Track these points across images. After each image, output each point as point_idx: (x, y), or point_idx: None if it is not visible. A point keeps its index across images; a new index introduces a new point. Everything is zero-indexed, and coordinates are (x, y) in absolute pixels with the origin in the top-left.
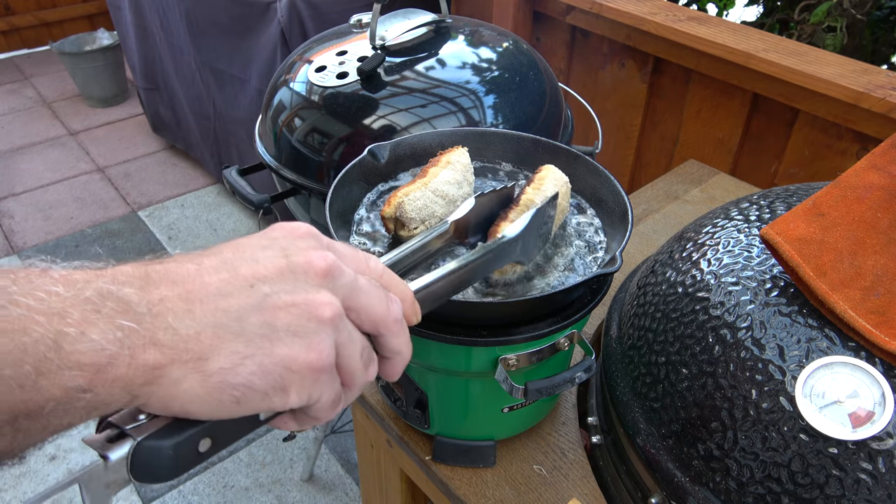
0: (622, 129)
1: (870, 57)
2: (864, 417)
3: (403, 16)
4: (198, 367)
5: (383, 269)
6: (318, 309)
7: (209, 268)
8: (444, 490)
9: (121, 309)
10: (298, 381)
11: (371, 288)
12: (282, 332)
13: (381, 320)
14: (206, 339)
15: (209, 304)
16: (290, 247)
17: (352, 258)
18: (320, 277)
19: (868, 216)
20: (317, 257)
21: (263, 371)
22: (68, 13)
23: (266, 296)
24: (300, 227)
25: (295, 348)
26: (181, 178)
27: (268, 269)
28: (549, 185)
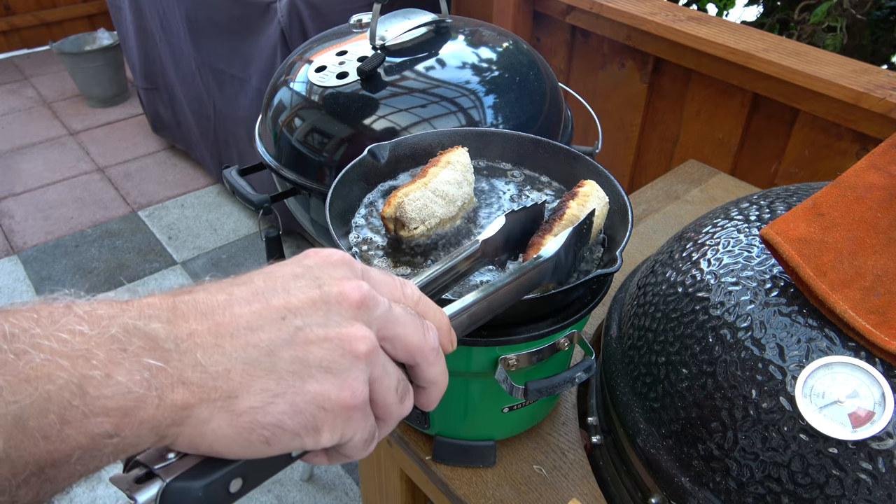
0: (622, 129)
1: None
2: (864, 417)
3: (403, 16)
4: (227, 405)
5: (419, 296)
6: (352, 344)
7: (240, 298)
8: (444, 490)
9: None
10: (331, 420)
11: (407, 317)
12: (314, 369)
13: (417, 350)
14: (236, 377)
15: (239, 339)
16: (323, 276)
17: (387, 285)
18: (354, 309)
19: (868, 216)
20: (351, 288)
21: (295, 410)
22: (68, 13)
23: (298, 329)
24: (334, 255)
25: (327, 386)
26: (181, 178)
27: (300, 300)
28: (593, 202)
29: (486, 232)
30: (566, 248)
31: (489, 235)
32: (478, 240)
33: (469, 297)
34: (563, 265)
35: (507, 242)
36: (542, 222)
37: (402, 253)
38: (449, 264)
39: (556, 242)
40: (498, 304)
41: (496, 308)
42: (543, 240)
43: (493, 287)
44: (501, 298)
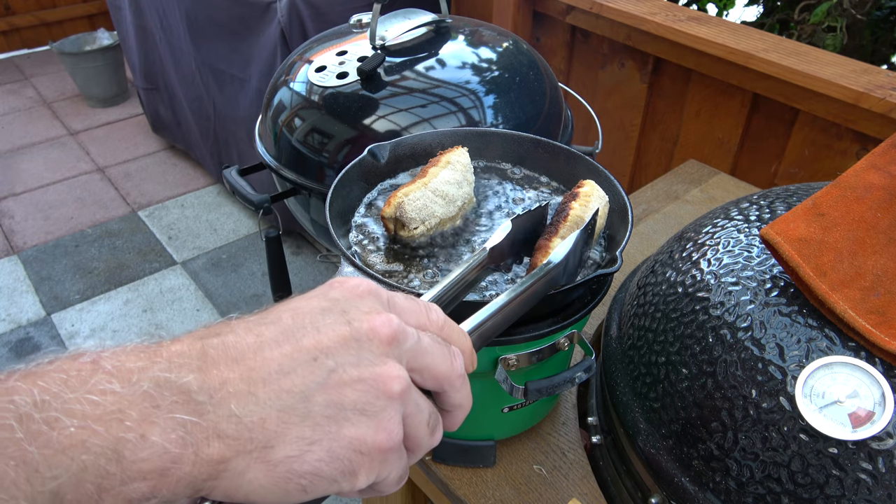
0: (622, 129)
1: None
2: (864, 417)
3: (403, 16)
4: (263, 456)
5: (444, 321)
6: (386, 384)
7: (270, 340)
8: (444, 490)
9: (181, 400)
10: (368, 464)
11: (434, 346)
12: (349, 412)
13: (445, 379)
14: (272, 426)
15: (273, 385)
16: (351, 310)
17: (413, 313)
18: (385, 345)
19: (868, 216)
20: (381, 323)
21: (332, 457)
22: (68, 13)
23: (331, 371)
24: (360, 285)
25: (363, 429)
26: (181, 178)
27: (331, 338)
28: (595, 202)
29: (493, 239)
30: (574, 251)
31: (496, 242)
32: (485, 248)
33: (485, 312)
34: (570, 268)
35: (512, 247)
36: (546, 224)
37: (402, 253)
38: (458, 275)
39: (565, 246)
40: (513, 315)
41: (511, 319)
42: (551, 242)
43: (507, 299)
44: (515, 309)
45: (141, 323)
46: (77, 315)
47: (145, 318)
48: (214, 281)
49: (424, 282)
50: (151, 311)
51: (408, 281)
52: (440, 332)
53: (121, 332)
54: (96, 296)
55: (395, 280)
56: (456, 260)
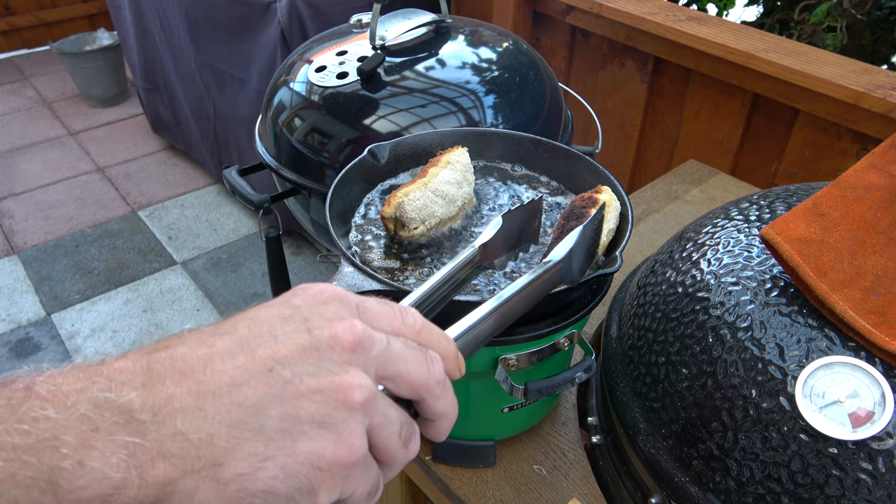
0: (622, 129)
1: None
2: (864, 417)
3: (403, 16)
4: (212, 474)
5: (422, 324)
6: (346, 394)
7: (222, 351)
8: (444, 490)
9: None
10: (328, 480)
11: (407, 352)
12: (306, 425)
13: (421, 386)
14: (221, 442)
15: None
16: (313, 317)
17: (386, 317)
18: (348, 353)
19: (868, 216)
20: (343, 329)
21: (287, 474)
22: (68, 13)
23: (287, 382)
24: (324, 291)
25: (321, 443)
26: (181, 178)
27: (288, 347)
28: (613, 214)
29: (484, 235)
30: (576, 249)
31: (487, 239)
32: (475, 245)
33: (476, 315)
34: (573, 267)
35: (505, 243)
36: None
37: (402, 253)
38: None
39: (566, 245)
40: (509, 316)
41: (508, 320)
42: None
43: (502, 299)
44: (512, 310)
45: (141, 323)
46: (77, 315)
47: (145, 319)
48: (214, 281)
49: (422, 281)
50: (151, 311)
51: (404, 278)
52: (417, 336)
53: (121, 332)
54: (96, 296)
55: (393, 279)
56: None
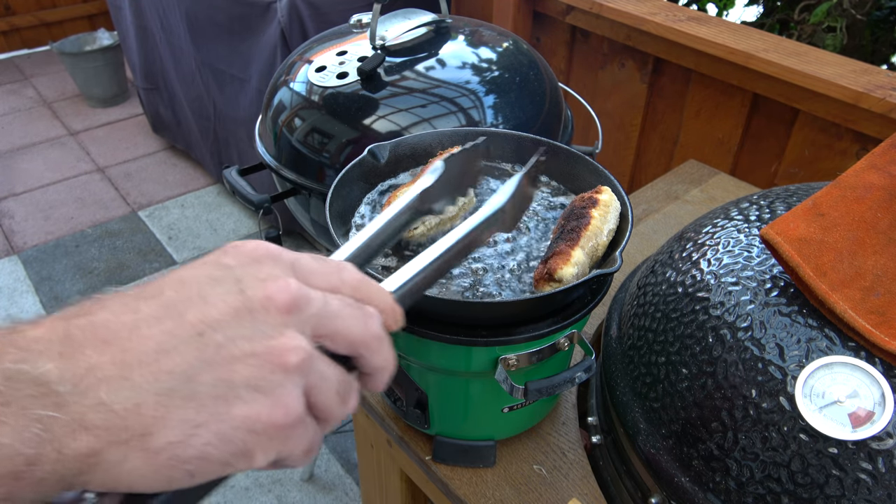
0: (622, 129)
1: (870, 57)
2: (864, 417)
3: (403, 16)
4: (141, 444)
5: (359, 280)
6: (282, 357)
7: (148, 317)
8: (444, 490)
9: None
10: (265, 442)
11: (344, 309)
12: (241, 389)
13: (359, 342)
14: (149, 411)
15: (150, 367)
16: (245, 277)
17: (322, 274)
18: (283, 314)
19: (868, 216)
20: (277, 289)
21: (222, 439)
22: (68, 13)
23: (220, 346)
24: (257, 249)
25: (257, 406)
26: (181, 178)
27: (220, 310)
28: (613, 212)
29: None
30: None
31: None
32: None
33: (414, 266)
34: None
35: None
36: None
37: (402, 253)
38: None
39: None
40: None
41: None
42: (572, 250)
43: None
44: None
45: None
46: None
47: None
48: None
49: None
50: None
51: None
52: (354, 292)
53: None
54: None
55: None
56: None
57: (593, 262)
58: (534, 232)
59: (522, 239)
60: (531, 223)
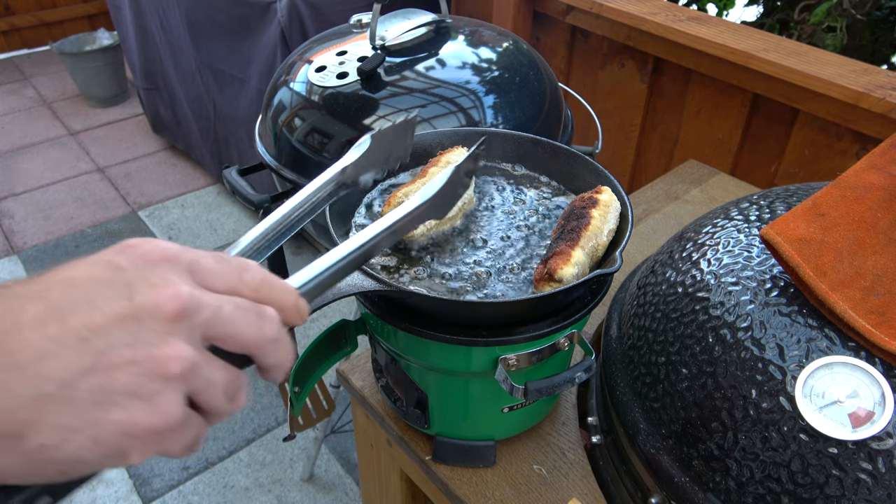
0: (622, 129)
1: (870, 57)
2: (864, 417)
3: (403, 16)
4: (13, 445)
5: (260, 280)
6: (163, 366)
7: (31, 320)
8: (444, 490)
9: None
10: (140, 445)
11: (238, 314)
12: (119, 396)
13: (252, 345)
14: (23, 415)
15: (29, 372)
16: (136, 281)
17: (222, 275)
18: (170, 322)
19: (868, 216)
20: (167, 297)
21: (96, 443)
22: (68, 13)
23: (101, 353)
24: (153, 251)
25: (134, 413)
26: (181, 178)
27: (106, 316)
28: (613, 213)
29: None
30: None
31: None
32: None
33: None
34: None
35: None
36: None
37: (402, 253)
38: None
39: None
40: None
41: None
42: (572, 251)
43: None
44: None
45: None
46: None
47: None
48: None
49: (418, 279)
50: None
51: (399, 276)
52: (255, 293)
53: None
54: None
55: (390, 277)
56: (456, 258)
57: (593, 262)
58: (534, 232)
59: (522, 239)
60: (531, 223)
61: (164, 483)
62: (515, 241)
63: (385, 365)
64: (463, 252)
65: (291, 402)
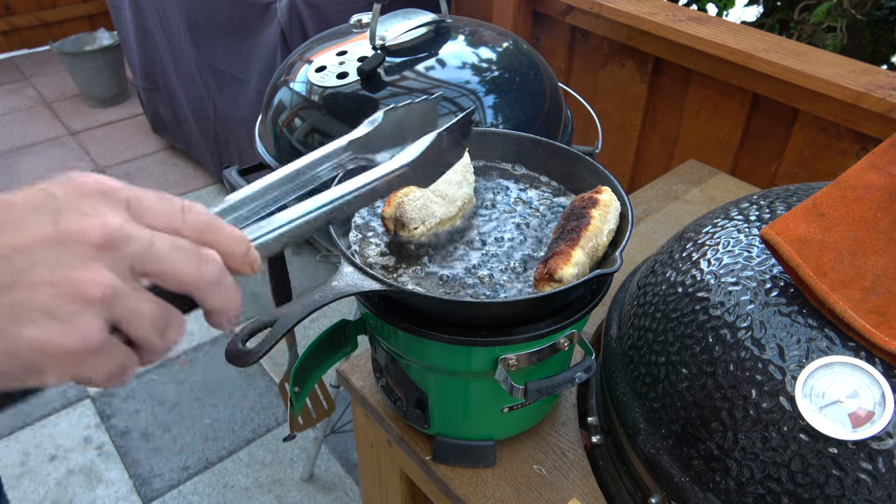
0: (622, 129)
1: (870, 57)
2: (864, 417)
3: (403, 16)
4: None
5: (204, 223)
6: (80, 288)
7: None
8: (444, 490)
9: None
10: (56, 364)
11: (173, 252)
12: (35, 314)
13: (190, 284)
14: None
15: None
16: (67, 209)
17: (163, 214)
18: (94, 249)
19: (868, 216)
20: (94, 226)
21: (9, 356)
22: (68, 13)
23: (21, 272)
24: (88, 182)
25: (50, 332)
26: (181, 178)
27: (32, 237)
28: (614, 214)
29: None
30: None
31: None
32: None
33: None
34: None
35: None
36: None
37: (402, 253)
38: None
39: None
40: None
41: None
42: (573, 250)
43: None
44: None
45: None
46: None
47: None
48: None
49: (417, 278)
50: None
51: (398, 275)
52: (198, 235)
53: None
54: None
55: (388, 276)
56: (456, 258)
57: (593, 262)
58: (534, 232)
59: (522, 239)
60: (531, 222)
61: (164, 483)
62: (515, 240)
63: (385, 365)
64: (463, 252)
65: (291, 402)
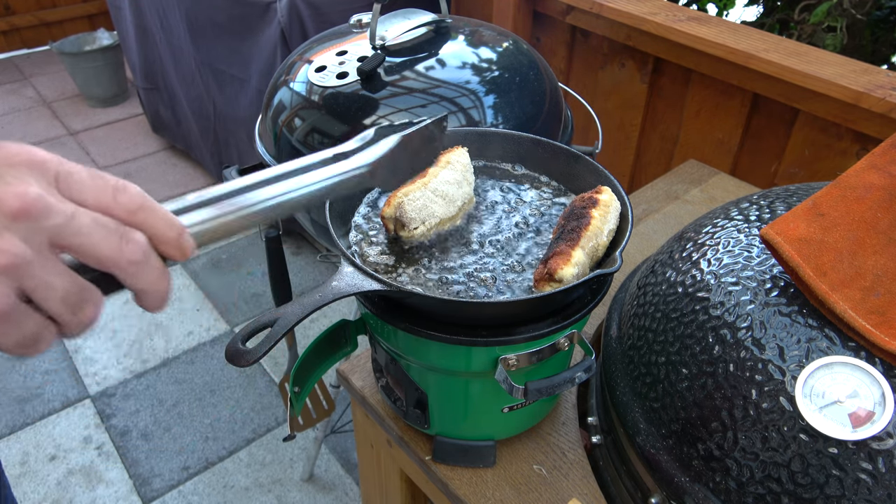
0: (622, 129)
1: (870, 57)
2: (864, 417)
3: (403, 16)
4: None
5: (138, 204)
6: None
7: None
8: (444, 490)
9: None
10: None
11: (94, 228)
12: None
13: (109, 262)
14: None
15: None
16: None
17: (94, 190)
18: (9, 219)
19: (868, 216)
20: (12, 195)
21: None
22: (68, 13)
23: None
24: (19, 154)
25: None
26: (181, 178)
27: None
28: (613, 213)
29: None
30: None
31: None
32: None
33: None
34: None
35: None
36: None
37: (402, 253)
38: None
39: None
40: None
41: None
42: (573, 251)
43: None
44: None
45: (141, 323)
46: None
47: (145, 319)
48: (214, 281)
49: (415, 278)
50: None
51: (397, 275)
52: (129, 216)
53: (121, 332)
54: None
55: (387, 276)
56: (456, 258)
57: (593, 262)
58: (534, 232)
59: (522, 239)
60: (531, 222)
61: (164, 483)
62: (515, 240)
63: (385, 365)
64: (463, 252)
65: (291, 402)
